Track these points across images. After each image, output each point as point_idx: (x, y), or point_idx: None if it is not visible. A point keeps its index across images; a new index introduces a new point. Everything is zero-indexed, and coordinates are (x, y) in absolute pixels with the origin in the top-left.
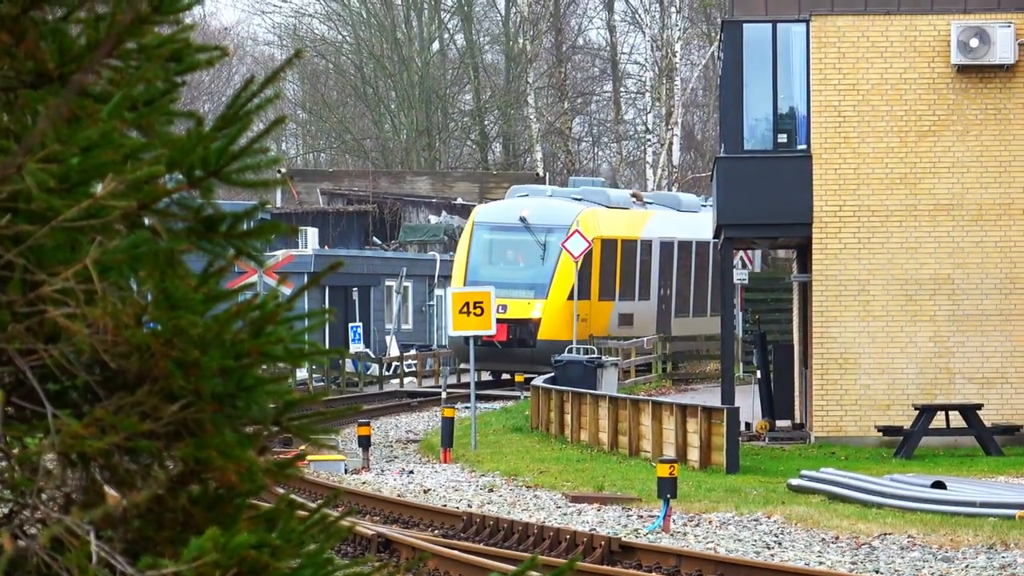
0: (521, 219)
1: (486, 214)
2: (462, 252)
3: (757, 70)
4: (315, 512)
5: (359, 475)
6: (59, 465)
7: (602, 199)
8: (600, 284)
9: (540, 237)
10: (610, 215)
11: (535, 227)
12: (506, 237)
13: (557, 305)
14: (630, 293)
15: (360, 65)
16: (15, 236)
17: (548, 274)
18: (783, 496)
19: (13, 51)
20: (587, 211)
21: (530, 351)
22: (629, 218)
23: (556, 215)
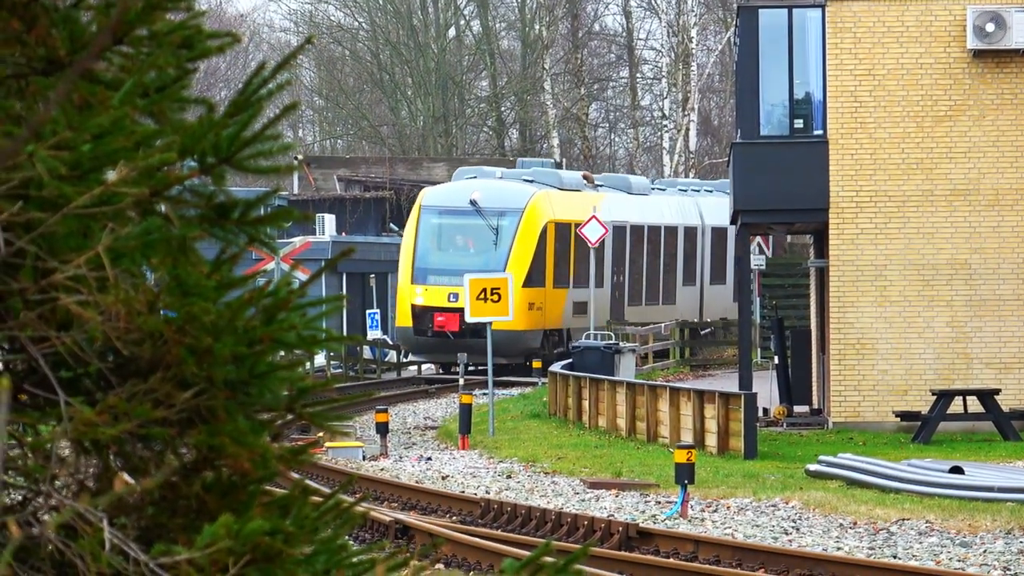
0: (471, 202)
1: (434, 197)
2: (409, 238)
3: (773, 56)
4: (329, 498)
5: (377, 462)
6: (73, 452)
7: (554, 181)
8: (555, 271)
9: (492, 221)
10: (563, 198)
11: (486, 210)
12: (456, 221)
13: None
14: (584, 280)
15: (376, 52)
16: (27, 223)
17: (502, 260)
18: (801, 482)
19: (24, 38)
20: (540, 193)
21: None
22: (582, 201)
23: (508, 198)
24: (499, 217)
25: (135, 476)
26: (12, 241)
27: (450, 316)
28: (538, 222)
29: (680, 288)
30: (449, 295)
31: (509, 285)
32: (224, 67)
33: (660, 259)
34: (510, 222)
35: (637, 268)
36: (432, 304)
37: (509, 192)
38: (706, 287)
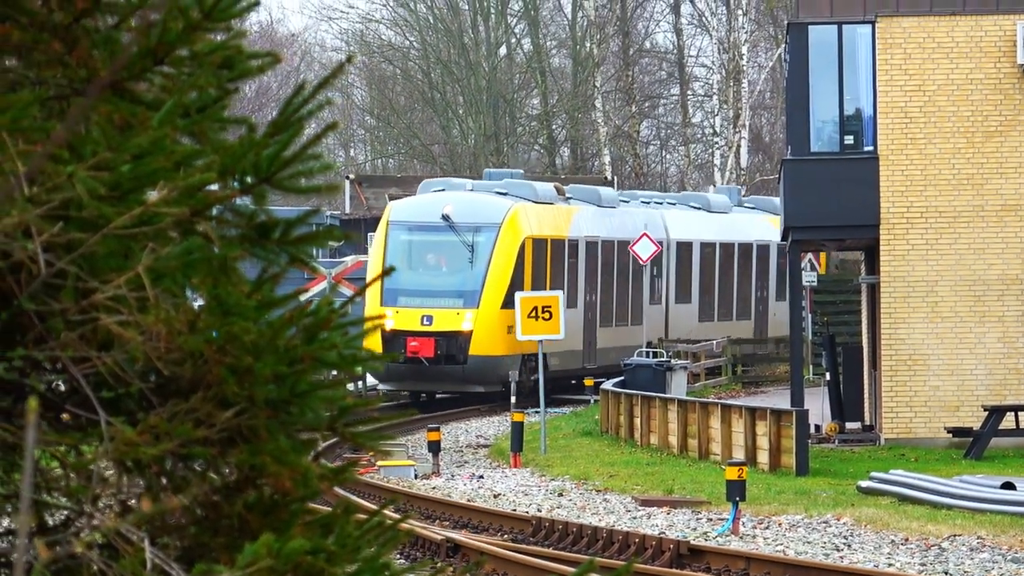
0: (444, 217)
1: (402, 212)
2: (376, 256)
3: (823, 72)
4: (372, 516)
5: (429, 480)
6: (115, 472)
7: (529, 193)
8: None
9: (467, 237)
10: (540, 211)
11: (460, 226)
12: (427, 238)
13: (490, 315)
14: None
15: (427, 70)
16: (67, 244)
17: (478, 279)
18: (853, 498)
19: (66, 59)
20: (517, 207)
21: (460, 368)
22: (556, 214)
23: (483, 211)
24: (474, 233)
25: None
26: (53, 262)
27: (424, 341)
28: (516, 238)
29: (647, 307)
30: (422, 318)
31: (561, 302)
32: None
33: (629, 276)
34: (486, 238)
35: (608, 287)
36: (404, 328)
37: (484, 206)
38: (671, 306)
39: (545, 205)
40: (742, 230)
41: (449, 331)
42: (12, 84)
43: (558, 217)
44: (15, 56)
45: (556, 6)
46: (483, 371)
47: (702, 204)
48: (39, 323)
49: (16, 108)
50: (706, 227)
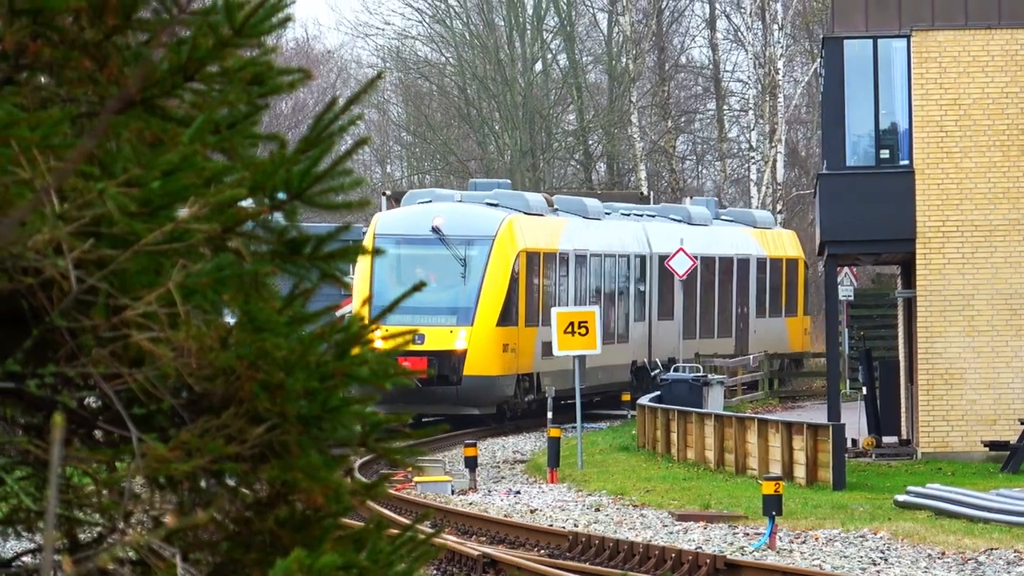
0: (434, 229)
1: (389, 224)
2: (364, 272)
3: (858, 86)
4: (405, 531)
5: (466, 496)
6: (147, 488)
7: (520, 204)
8: (526, 307)
9: (459, 251)
10: (532, 223)
11: (452, 239)
12: (417, 252)
13: (485, 333)
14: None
15: (463, 86)
16: (98, 260)
17: (472, 295)
18: (889, 512)
19: (96, 76)
20: (511, 218)
21: (454, 390)
22: (548, 227)
23: (476, 224)
24: (467, 246)
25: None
26: (84, 278)
27: (415, 360)
28: (511, 252)
29: (632, 324)
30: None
31: (597, 318)
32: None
33: (615, 292)
34: (480, 252)
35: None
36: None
37: (476, 217)
38: (654, 323)
39: (537, 217)
40: (722, 243)
41: (442, 350)
42: (43, 101)
43: (549, 229)
44: (46, 73)
45: (592, 21)
46: (478, 392)
47: (683, 217)
48: (70, 340)
49: (46, 125)
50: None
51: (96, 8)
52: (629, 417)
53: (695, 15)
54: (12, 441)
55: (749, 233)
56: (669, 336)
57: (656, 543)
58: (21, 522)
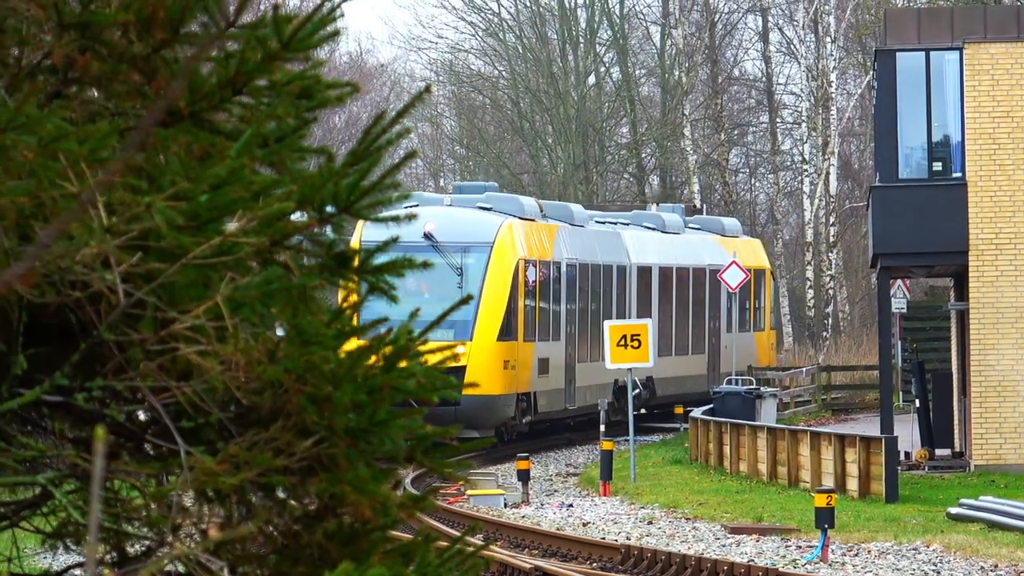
0: (426, 235)
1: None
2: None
3: (911, 99)
4: (453, 545)
5: (519, 509)
6: (195, 502)
7: (515, 208)
8: (525, 320)
9: (454, 258)
10: (529, 229)
11: (446, 246)
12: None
13: (486, 349)
14: (546, 332)
15: (516, 100)
16: (146, 274)
17: (471, 308)
18: (942, 525)
19: (145, 90)
20: (508, 223)
21: (452, 410)
22: (541, 233)
23: (472, 229)
24: (463, 254)
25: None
26: (132, 292)
27: None
28: (510, 260)
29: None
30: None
31: (650, 330)
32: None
33: (600, 305)
34: (477, 260)
35: (584, 317)
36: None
37: (472, 223)
38: None
39: (531, 222)
40: (695, 253)
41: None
42: (91, 115)
43: (543, 236)
44: (94, 87)
45: (645, 35)
46: (478, 413)
47: (656, 224)
48: (118, 353)
49: (95, 139)
50: (663, 250)
51: (144, 22)
52: (682, 430)
53: (748, 28)
54: (60, 454)
55: (718, 242)
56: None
57: (708, 556)
58: (70, 535)
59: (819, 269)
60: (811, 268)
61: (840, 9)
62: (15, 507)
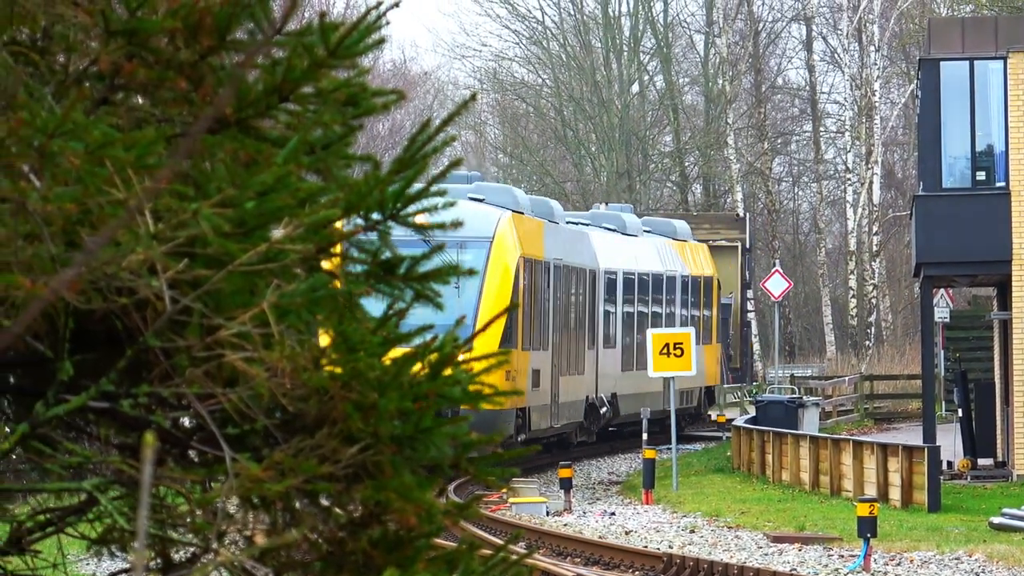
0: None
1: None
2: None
3: (955, 107)
4: (497, 552)
5: (561, 517)
6: (240, 508)
7: (510, 201)
8: (523, 326)
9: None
10: (527, 225)
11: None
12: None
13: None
14: (537, 340)
15: (560, 108)
16: (192, 281)
17: (470, 309)
18: (985, 534)
19: (191, 96)
20: (508, 216)
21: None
22: (535, 230)
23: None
24: (459, 250)
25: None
26: (178, 299)
27: None
28: (511, 257)
29: (586, 352)
30: None
31: (692, 339)
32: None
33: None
34: (475, 256)
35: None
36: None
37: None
38: (600, 352)
39: (524, 216)
40: (653, 258)
41: None
42: (138, 122)
43: (536, 233)
44: (141, 94)
45: (688, 43)
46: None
47: (617, 225)
48: (164, 360)
49: (141, 145)
50: (624, 253)
51: (191, 28)
52: (724, 439)
53: (792, 37)
54: (106, 460)
55: (672, 246)
56: (611, 367)
57: (751, 565)
58: (115, 541)
59: (862, 278)
60: (854, 277)
61: (884, 18)
62: (61, 513)
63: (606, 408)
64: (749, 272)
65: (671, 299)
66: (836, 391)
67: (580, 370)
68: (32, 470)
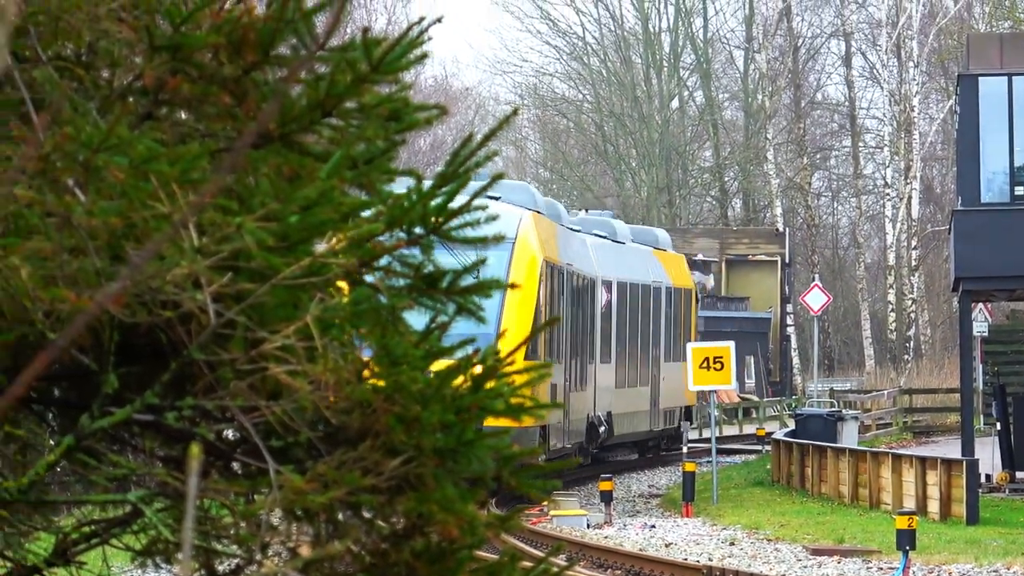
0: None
1: None
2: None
3: (993, 123)
4: (538, 564)
5: (601, 529)
6: (284, 520)
7: (527, 199)
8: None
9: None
10: (546, 227)
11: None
12: None
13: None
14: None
15: (600, 123)
16: (236, 294)
17: (493, 317)
18: (1023, 547)
19: (235, 112)
20: (530, 215)
21: None
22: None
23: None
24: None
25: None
26: (222, 312)
27: None
28: (534, 261)
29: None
30: None
31: (732, 353)
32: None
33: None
34: (497, 260)
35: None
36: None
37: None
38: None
39: (542, 216)
40: (641, 267)
41: None
42: (182, 137)
43: (552, 235)
44: (185, 109)
45: (728, 59)
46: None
47: (608, 232)
48: (208, 373)
49: (185, 160)
50: (618, 262)
51: (234, 44)
52: (764, 452)
53: (831, 52)
54: (151, 473)
55: (656, 256)
56: (606, 383)
57: None
58: (159, 553)
59: (901, 292)
60: (893, 291)
61: (923, 34)
62: (106, 525)
63: (604, 427)
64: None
65: (657, 312)
66: (875, 405)
67: (584, 386)
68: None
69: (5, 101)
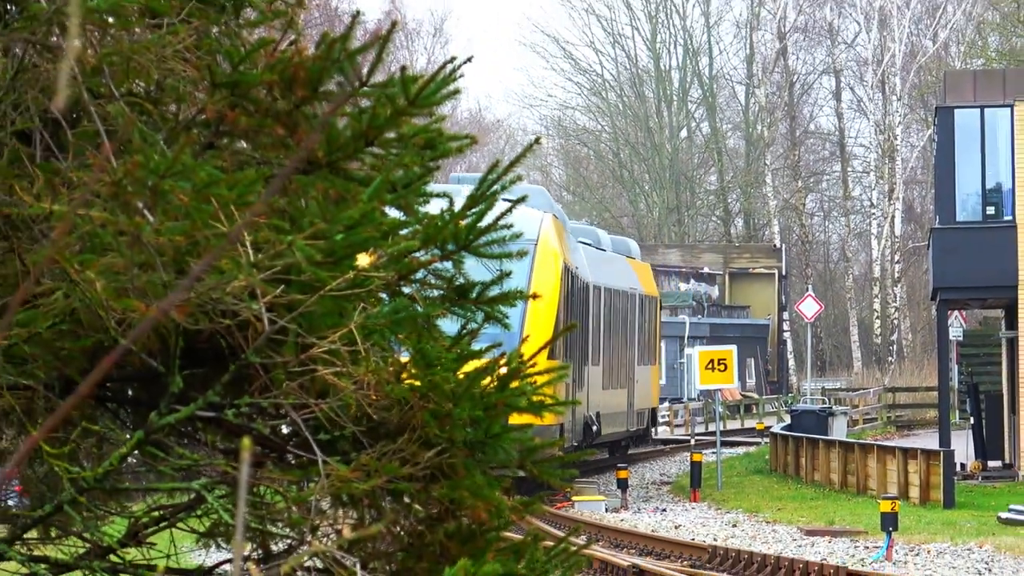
0: None
1: None
2: None
3: (967, 150)
4: (558, 544)
5: (618, 513)
6: (331, 505)
7: (544, 203)
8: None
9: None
10: (562, 230)
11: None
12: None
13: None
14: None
15: (617, 151)
16: (288, 304)
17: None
18: (994, 528)
19: (287, 142)
20: (549, 218)
21: None
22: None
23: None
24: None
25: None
26: (275, 320)
27: None
28: (555, 264)
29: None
30: None
31: (735, 355)
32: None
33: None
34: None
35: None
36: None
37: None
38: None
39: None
40: (621, 275)
41: None
42: (240, 164)
43: (565, 238)
44: (243, 139)
45: (731, 93)
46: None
47: (592, 239)
48: (263, 374)
49: (242, 185)
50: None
51: (287, 81)
52: (763, 444)
53: (823, 87)
54: (212, 463)
55: (630, 264)
56: (595, 384)
57: (786, 555)
58: (221, 535)
59: (885, 302)
60: (878, 301)
61: (905, 71)
62: (173, 510)
63: (596, 427)
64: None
65: (632, 318)
66: (862, 402)
67: (582, 387)
68: (147, 472)
69: (82, 133)
